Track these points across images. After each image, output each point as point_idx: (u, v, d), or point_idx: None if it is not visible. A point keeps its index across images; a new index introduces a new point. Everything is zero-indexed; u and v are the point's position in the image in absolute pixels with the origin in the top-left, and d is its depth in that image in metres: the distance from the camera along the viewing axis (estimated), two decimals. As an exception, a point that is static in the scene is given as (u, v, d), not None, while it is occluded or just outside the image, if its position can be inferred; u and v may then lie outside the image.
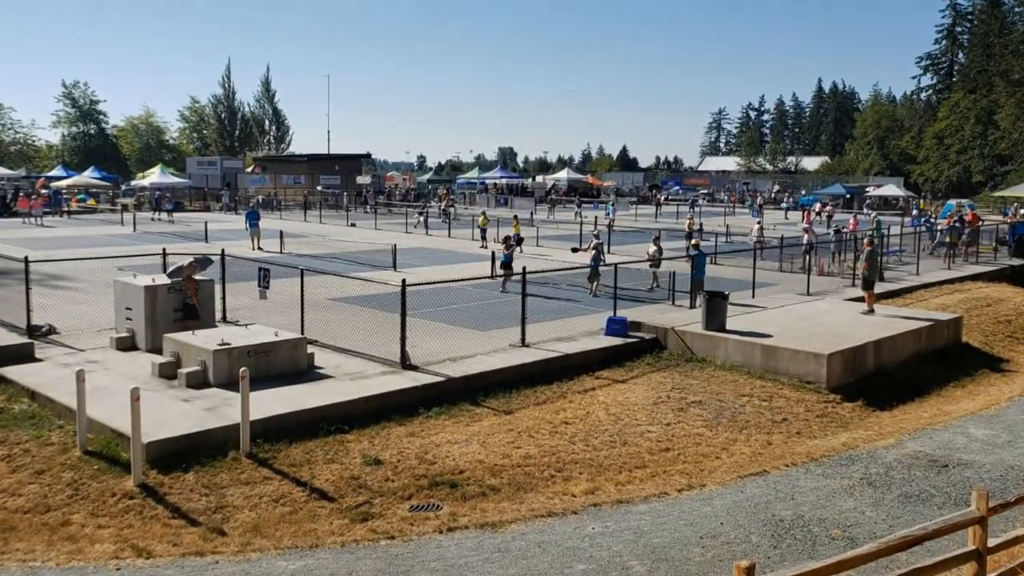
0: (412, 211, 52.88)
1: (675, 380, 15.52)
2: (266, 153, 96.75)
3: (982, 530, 6.79)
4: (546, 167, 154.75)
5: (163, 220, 49.17)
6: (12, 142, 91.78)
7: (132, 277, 17.09)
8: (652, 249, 24.64)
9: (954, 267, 30.20)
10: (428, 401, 13.48)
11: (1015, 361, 19.34)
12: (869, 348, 16.67)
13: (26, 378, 13.72)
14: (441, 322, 18.72)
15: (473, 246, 35.92)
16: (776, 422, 13.92)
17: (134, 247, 31.73)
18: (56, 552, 8.83)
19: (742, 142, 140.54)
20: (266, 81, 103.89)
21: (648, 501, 10.40)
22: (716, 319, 17.33)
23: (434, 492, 10.65)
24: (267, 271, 18.35)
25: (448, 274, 24.76)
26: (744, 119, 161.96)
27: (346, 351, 15.77)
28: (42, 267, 20.11)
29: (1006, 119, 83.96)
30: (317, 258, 30.16)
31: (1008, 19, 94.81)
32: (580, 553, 8.90)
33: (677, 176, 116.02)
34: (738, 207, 69.09)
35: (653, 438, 12.80)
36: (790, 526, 9.60)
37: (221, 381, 13.22)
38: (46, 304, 18.38)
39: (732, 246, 35.71)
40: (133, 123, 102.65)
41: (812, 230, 31.14)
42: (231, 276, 19.42)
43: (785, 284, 25.29)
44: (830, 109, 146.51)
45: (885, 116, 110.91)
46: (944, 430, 13.45)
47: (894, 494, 10.65)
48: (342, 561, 8.72)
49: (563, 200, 69.41)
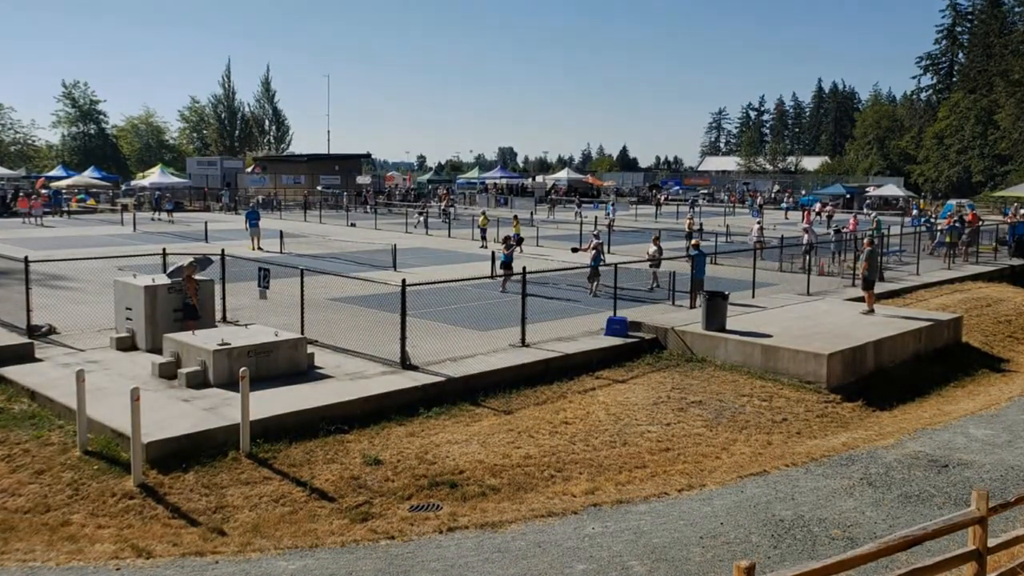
0: (412, 211, 52.88)
1: (675, 380, 15.52)
2: (266, 153, 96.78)
3: (982, 530, 6.78)
4: (546, 167, 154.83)
5: (163, 220, 49.17)
6: (12, 142, 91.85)
7: (132, 277, 17.09)
8: (652, 249, 24.64)
9: (954, 267, 30.21)
10: (428, 401, 13.49)
11: (1015, 361, 19.34)
12: (869, 348, 16.67)
13: (26, 378, 13.72)
14: (441, 322, 18.72)
15: (473, 246, 35.92)
16: (776, 422, 13.92)
17: (134, 247, 31.75)
18: (56, 552, 8.82)
19: (742, 142, 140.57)
20: (266, 81, 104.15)
21: (648, 501, 10.40)
22: (716, 319, 17.33)
23: (434, 492, 10.65)
24: (267, 271, 18.34)
25: (448, 274, 24.76)
26: (744, 119, 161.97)
27: (346, 351, 15.77)
28: (42, 267, 20.10)
29: (1006, 119, 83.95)
30: (317, 258, 30.17)
31: (1008, 19, 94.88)
32: (580, 553, 8.90)
33: (677, 176, 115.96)
34: (738, 207, 69.11)
35: (653, 438, 12.80)
36: (790, 526, 9.60)
37: (221, 381, 13.22)
38: (46, 304, 18.38)
39: (732, 246, 35.70)
40: (133, 123, 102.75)
41: (812, 230, 31.15)
42: (231, 276, 19.42)
43: (785, 284, 25.29)
44: (830, 109, 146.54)
45: (885, 116, 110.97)
46: (944, 430, 13.45)
47: (894, 494, 10.65)
48: (342, 561, 8.71)
49: (563, 200, 69.41)
